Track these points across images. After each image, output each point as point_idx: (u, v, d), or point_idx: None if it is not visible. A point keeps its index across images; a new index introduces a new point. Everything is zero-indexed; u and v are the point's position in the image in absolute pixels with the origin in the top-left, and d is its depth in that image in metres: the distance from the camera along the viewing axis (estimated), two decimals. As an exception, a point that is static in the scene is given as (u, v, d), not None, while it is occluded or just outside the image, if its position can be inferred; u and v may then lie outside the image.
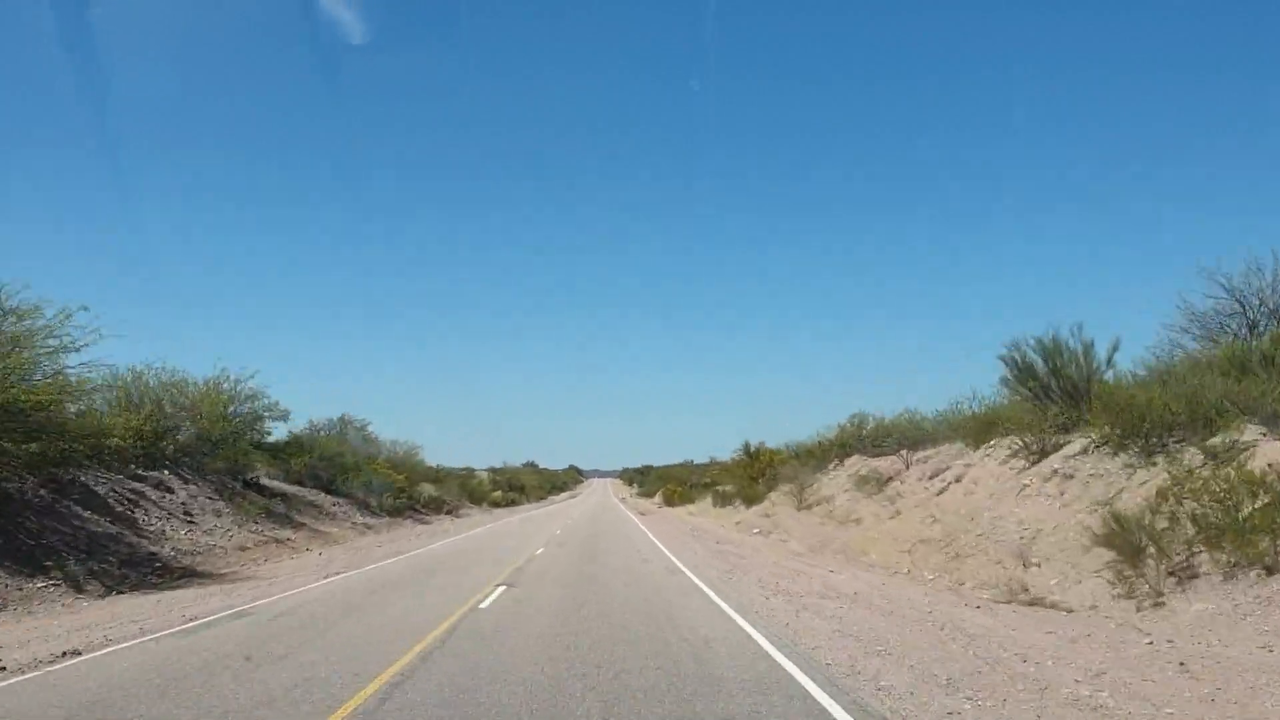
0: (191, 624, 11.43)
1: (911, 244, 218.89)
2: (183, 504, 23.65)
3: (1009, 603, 13.11)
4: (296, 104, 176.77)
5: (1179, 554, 11.55)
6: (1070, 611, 12.05)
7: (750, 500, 43.18)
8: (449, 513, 51.06)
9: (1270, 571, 10.34)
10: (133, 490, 22.41)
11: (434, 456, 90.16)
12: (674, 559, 21.03)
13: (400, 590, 15.29)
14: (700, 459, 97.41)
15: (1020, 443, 20.45)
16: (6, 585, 14.27)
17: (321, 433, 40.53)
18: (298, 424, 36.33)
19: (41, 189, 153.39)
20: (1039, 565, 14.68)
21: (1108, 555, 12.52)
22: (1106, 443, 16.76)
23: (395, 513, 39.95)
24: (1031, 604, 12.90)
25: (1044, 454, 19.48)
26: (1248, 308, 18.57)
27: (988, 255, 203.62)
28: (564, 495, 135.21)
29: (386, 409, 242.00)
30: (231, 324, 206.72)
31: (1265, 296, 18.28)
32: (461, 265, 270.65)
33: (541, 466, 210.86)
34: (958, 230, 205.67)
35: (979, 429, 24.08)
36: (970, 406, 26.41)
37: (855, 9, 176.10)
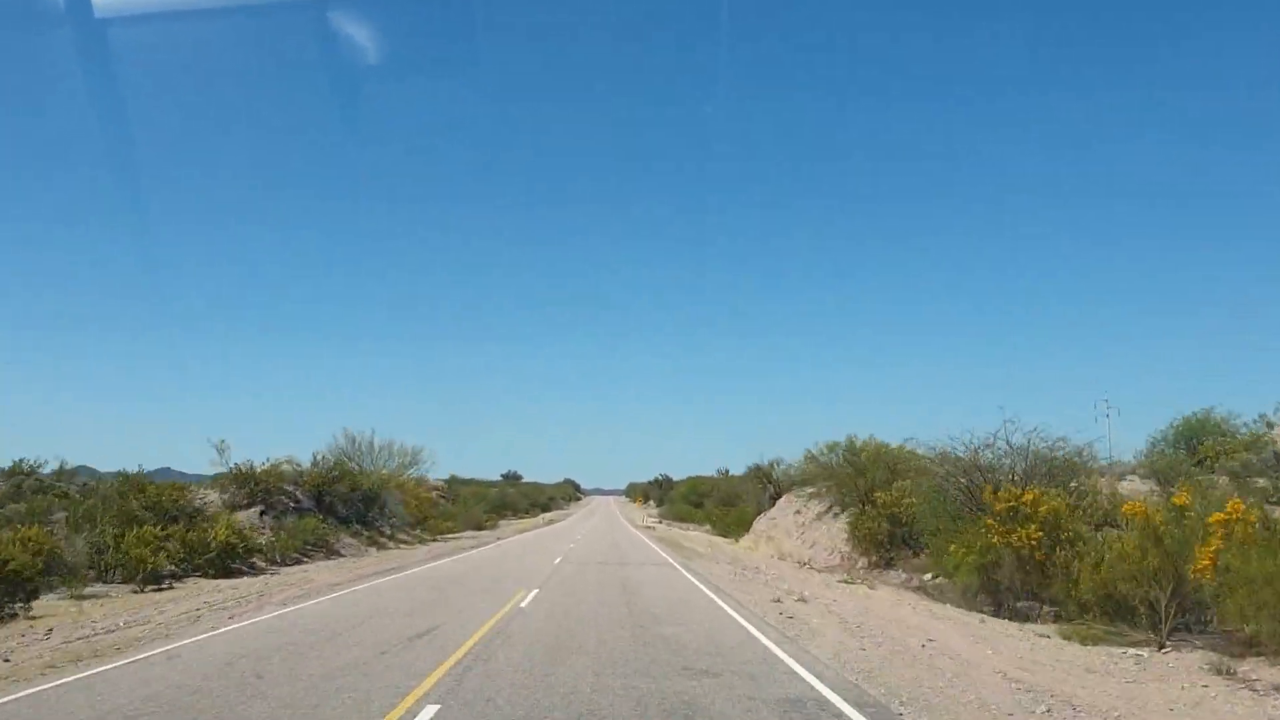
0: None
1: (928, 263, 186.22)
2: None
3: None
4: (310, 124, 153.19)
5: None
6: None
7: None
8: None
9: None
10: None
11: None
12: None
13: None
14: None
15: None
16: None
17: None
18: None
19: (56, 211, 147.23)
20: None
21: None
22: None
23: None
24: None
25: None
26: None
27: (1003, 275, 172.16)
28: (536, 522, 78.24)
29: (399, 420, 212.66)
30: (241, 339, 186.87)
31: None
32: (467, 283, 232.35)
33: (527, 480, 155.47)
34: (979, 249, 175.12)
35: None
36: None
37: (872, 26, 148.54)
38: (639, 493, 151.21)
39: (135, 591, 17.07)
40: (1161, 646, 10.87)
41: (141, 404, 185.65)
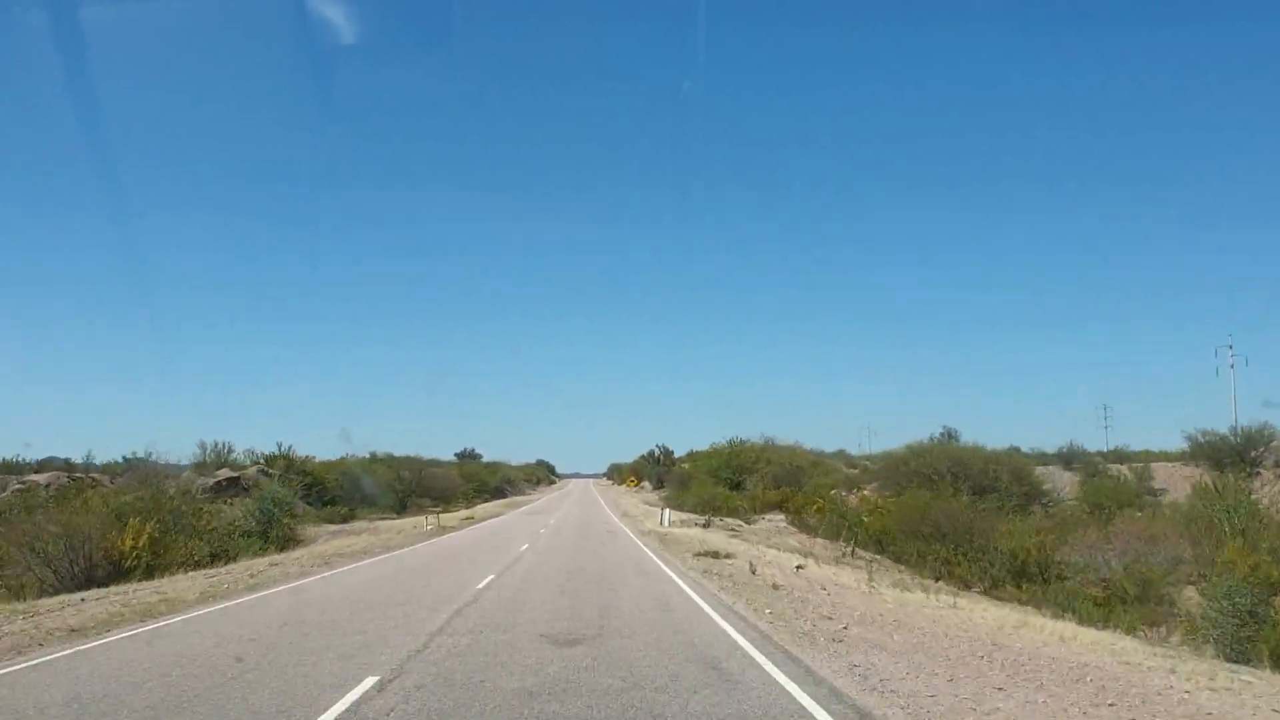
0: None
1: (909, 249, 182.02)
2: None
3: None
4: (286, 108, 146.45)
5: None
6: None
7: None
8: None
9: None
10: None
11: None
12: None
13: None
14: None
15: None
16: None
17: None
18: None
19: (31, 196, 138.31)
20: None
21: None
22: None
23: None
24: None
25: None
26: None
27: (994, 260, 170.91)
28: (417, 530, 40.12)
29: (377, 407, 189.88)
30: (217, 328, 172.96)
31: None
32: (448, 267, 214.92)
33: (488, 459, 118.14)
34: (959, 236, 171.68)
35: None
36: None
37: (852, 7, 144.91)
38: (628, 472, 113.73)
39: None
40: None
41: (133, 392, 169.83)
